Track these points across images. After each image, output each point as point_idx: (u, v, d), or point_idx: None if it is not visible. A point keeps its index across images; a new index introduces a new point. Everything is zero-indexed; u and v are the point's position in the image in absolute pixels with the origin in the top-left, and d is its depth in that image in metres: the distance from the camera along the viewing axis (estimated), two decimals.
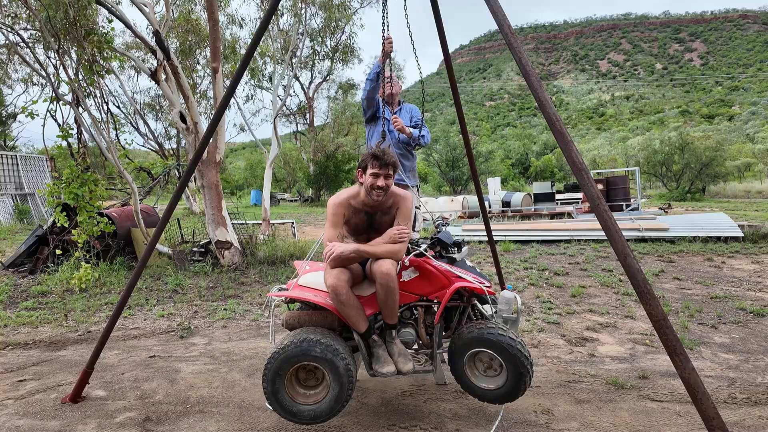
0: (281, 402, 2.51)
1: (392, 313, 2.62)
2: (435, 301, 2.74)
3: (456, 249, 2.90)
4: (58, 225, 7.22)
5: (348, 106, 30.78)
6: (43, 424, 2.87)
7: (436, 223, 3.13)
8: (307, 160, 31.95)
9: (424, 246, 2.83)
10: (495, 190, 19.13)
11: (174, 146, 24.23)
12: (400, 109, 4.26)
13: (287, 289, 2.82)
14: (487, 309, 2.87)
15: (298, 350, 2.46)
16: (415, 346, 2.83)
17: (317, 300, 2.65)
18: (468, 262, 2.97)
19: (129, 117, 21.97)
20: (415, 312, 2.80)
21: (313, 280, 2.78)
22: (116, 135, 7.54)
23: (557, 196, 18.33)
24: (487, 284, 2.75)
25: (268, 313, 3.06)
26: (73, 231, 6.80)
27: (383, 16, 3.37)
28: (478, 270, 2.94)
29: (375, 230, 2.78)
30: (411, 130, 4.05)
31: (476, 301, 2.83)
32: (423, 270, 2.71)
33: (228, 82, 8.29)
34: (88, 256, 7.10)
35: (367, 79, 4.01)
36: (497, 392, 2.63)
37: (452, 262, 2.84)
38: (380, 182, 2.63)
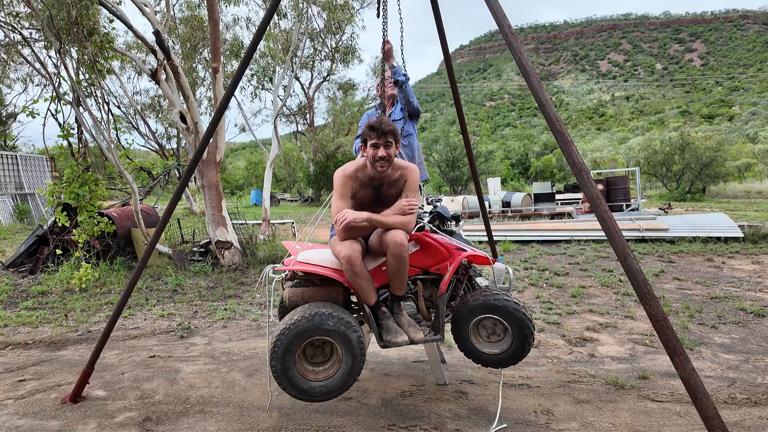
0: (292, 380, 2.44)
1: (402, 284, 2.62)
2: (436, 273, 2.77)
3: (454, 222, 2.95)
4: (59, 225, 7.22)
5: (348, 107, 30.79)
6: (43, 424, 2.87)
7: (430, 199, 3.18)
8: (308, 160, 31.98)
9: (427, 219, 2.88)
10: (495, 191, 19.14)
11: (174, 146, 24.23)
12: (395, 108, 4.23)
13: (279, 271, 2.77)
14: (480, 281, 2.95)
15: (310, 324, 2.41)
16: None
17: (327, 272, 2.61)
18: (464, 236, 3.02)
19: (129, 117, 22.00)
20: (414, 286, 2.82)
21: (313, 256, 2.73)
22: (117, 135, 7.54)
23: (557, 197, 18.32)
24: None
25: (268, 290, 3.00)
26: (73, 231, 6.80)
27: (383, 21, 3.33)
28: (473, 243, 2.99)
29: (381, 204, 2.74)
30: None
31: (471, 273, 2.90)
32: (424, 243, 2.74)
33: (228, 82, 8.29)
34: (88, 256, 7.10)
35: (362, 120, 3.78)
36: (502, 356, 2.74)
37: (450, 234, 2.90)
38: (381, 152, 2.59)
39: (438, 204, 3.10)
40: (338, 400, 3.12)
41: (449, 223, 2.96)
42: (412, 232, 2.69)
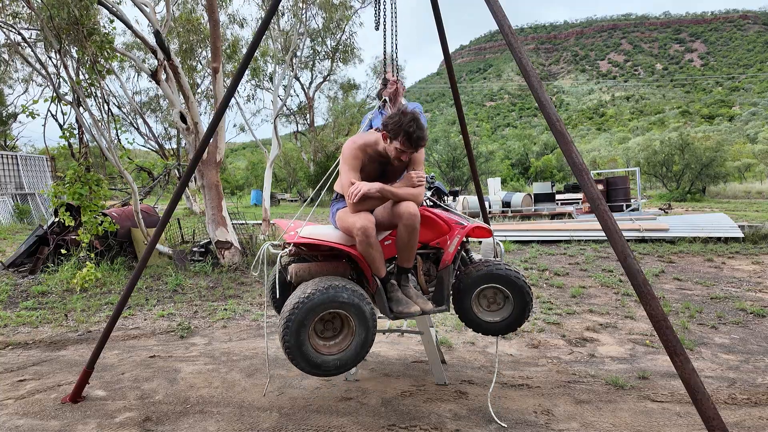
0: (306, 355, 2.40)
1: (411, 256, 2.63)
2: (436, 247, 2.83)
3: (451, 198, 3.02)
4: (65, 224, 7.21)
5: (348, 107, 30.78)
6: (43, 424, 2.87)
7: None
8: (308, 160, 31.97)
9: (429, 193, 2.96)
10: (495, 191, 19.16)
11: (174, 146, 24.24)
12: None
13: (287, 243, 2.72)
14: (473, 255, 3.09)
15: (325, 297, 2.38)
16: None
17: (337, 245, 2.58)
18: (460, 211, 3.07)
19: (129, 117, 22.02)
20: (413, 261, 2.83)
21: (315, 231, 2.69)
22: (117, 135, 7.54)
23: (557, 197, 18.33)
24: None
25: (272, 267, 2.96)
26: (78, 231, 6.81)
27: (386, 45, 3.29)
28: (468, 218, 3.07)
29: (385, 178, 2.73)
30: None
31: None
32: (424, 218, 2.76)
33: (228, 82, 8.30)
34: (92, 256, 7.08)
35: (363, 121, 3.65)
36: (503, 323, 2.90)
37: (447, 210, 2.99)
38: (404, 157, 2.58)
39: (434, 181, 3.16)
40: (338, 400, 3.12)
41: (446, 199, 3.03)
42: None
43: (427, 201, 3.09)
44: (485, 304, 2.92)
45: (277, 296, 2.87)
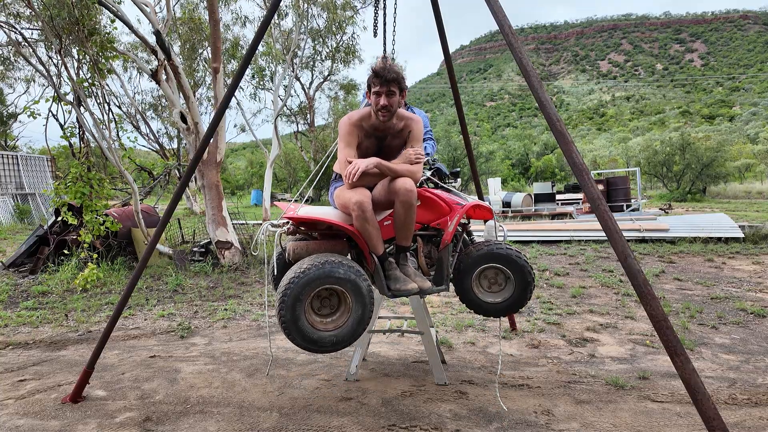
0: (302, 330, 2.39)
1: (409, 234, 2.59)
2: (436, 228, 2.81)
3: (453, 179, 3.02)
4: (67, 224, 7.21)
5: (350, 106, 30.77)
6: (43, 424, 2.87)
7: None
8: (308, 160, 31.98)
9: (428, 174, 2.93)
10: (495, 191, 19.14)
11: (175, 146, 24.25)
12: None
13: (285, 222, 2.71)
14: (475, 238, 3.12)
15: (320, 272, 2.36)
16: None
17: (334, 221, 2.57)
18: (461, 193, 3.07)
19: (130, 117, 22.03)
20: (414, 242, 2.81)
21: (314, 211, 2.68)
22: (117, 135, 7.55)
23: (558, 197, 18.31)
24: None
25: (263, 245, 2.96)
26: (80, 231, 6.81)
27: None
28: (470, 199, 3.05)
29: (383, 155, 2.68)
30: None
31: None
32: (424, 198, 2.74)
33: (229, 82, 8.29)
34: (95, 256, 7.08)
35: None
36: (504, 304, 2.88)
37: (448, 191, 2.96)
38: (383, 101, 2.48)
39: (436, 161, 3.15)
40: (338, 400, 3.12)
41: (448, 180, 3.02)
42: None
43: (429, 183, 3.06)
44: (486, 284, 2.91)
45: (275, 273, 2.87)
